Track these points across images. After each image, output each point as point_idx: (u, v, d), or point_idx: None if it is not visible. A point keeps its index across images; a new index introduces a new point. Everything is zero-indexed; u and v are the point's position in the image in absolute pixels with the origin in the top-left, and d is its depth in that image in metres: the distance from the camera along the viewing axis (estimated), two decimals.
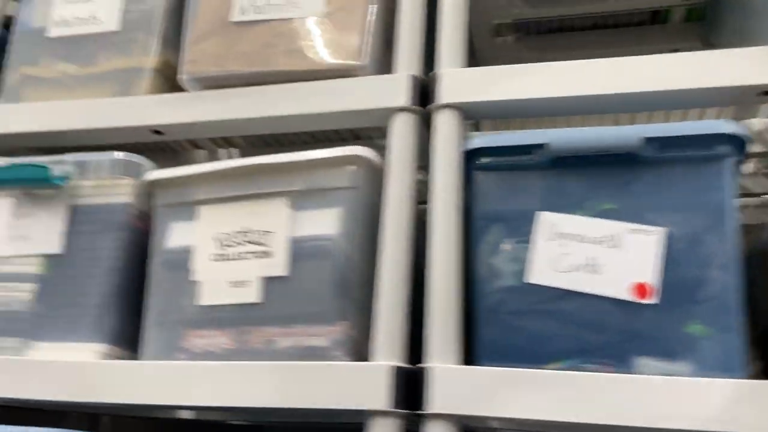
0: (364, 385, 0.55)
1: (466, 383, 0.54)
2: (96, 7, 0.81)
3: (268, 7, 0.72)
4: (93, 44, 0.81)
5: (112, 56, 0.80)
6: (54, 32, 0.83)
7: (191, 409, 0.70)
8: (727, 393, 0.50)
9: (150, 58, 0.78)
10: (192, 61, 0.73)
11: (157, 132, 0.74)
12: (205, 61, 0.72)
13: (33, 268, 0.70)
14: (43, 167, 0.70)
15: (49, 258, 0.70)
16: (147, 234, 0.71)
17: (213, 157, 0.88)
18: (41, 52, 0.83)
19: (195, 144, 0.85)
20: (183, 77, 0.73)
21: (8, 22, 0.88)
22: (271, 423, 0.83)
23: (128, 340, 0.68)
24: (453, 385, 0.54)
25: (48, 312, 0.69)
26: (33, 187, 0.72)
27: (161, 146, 0.83)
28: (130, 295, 0.69)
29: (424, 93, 0.66)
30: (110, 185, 0.71)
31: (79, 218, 0.71)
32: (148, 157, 0.73)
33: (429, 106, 0.65)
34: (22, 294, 0.70)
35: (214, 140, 0.84)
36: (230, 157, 0.87)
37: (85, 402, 0.64)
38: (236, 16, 0.73)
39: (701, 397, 0.50)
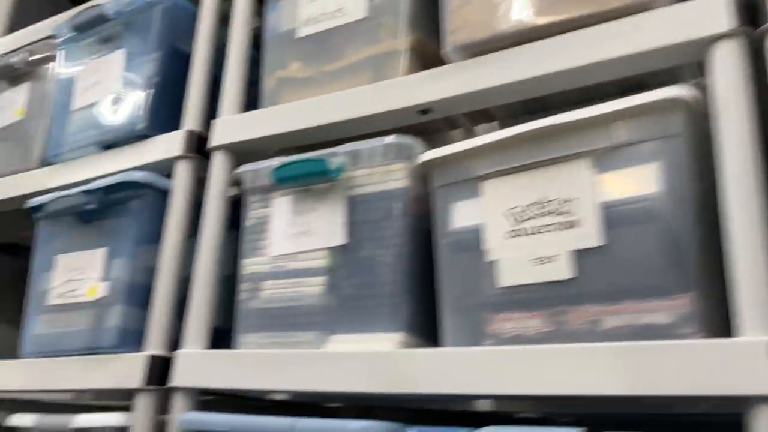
0: (738, 367, 0.45)
1: None
2: None
3: None
4: (340, 37, 0.80)
5: (361, 45, 0.78)
6: (303, 32, 0.84)
7: (501, 398, 0.65)
8: None
9: (401, 39, 0.75)
10: (455, 30, 0.68)
11: (424, 111, 0.70)
12: (469, 28, 0.67)
13: (319, 261, 0.71)
14: (321, 160, 0.70)
15: (334, 250, 0.70)
16: (425, 217, 0.68)
17: (469, 134, 0.83)
18: (292, 54, 0.84)
19: (451, 123, 0.81)
20: (447, 49, 0.68)
21: (258, 36, 0.92)
22: (562, 412, 0.76)
23: (423, 327, 0.65)
24: None
25: (340, 304, 0.68)
26: (309, 183, 0.73)
27: (415, 129, 0.80)
28: (419, 281, 0.66)
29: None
30: (385, 171, 0.69)
31: (357, 208, 0.69)
32: None
33: (761, 28, 0.53)
34: (312, 288, 0.70)
35: (471, 116, 0.79)
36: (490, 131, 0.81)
37: (385, 393, 0.62)
38: None
39: None
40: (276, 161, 0.75)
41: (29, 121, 1.06)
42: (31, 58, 1.09)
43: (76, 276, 0.86)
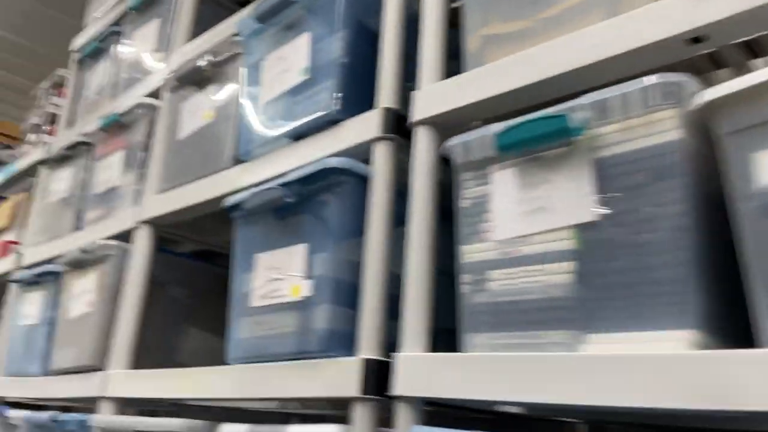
0: None
1: None
2: None
3: None
4: None
5: None
6: None
7: None
8: None
9: None
10: None
11: (696, 40, 0.54)
12: None
13: (563, 243, 0.57)
14: (560, 116, 0.57)
15: (582, 228, 0.56)
16: (708, 176, 0.52)
17: (741, 72, 0.65)
18: (498, 6, 0.72)
19: (716, 61, 0.64)
20: None
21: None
22: None
23: (717, 322, 0.49)
24: None
25: (597, 295, 0.54)
26: (540, 148, 0.60)
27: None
28: (708, 261, 0.50)
29: None
30: (646, 123, 0.53)
31: (609, 173, 0.55)
32: None
33: None
34: (556, 277, 0.57)
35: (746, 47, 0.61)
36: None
37: (682, 409, 0.47)
38: None
39: None
40: (497, 126, 0.62)
41: (219, 122, 1.04)
42: (216, 59, 1.07)
43: (277, 275, 0.80)
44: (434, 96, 0.73)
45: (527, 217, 0.60)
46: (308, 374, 0.72)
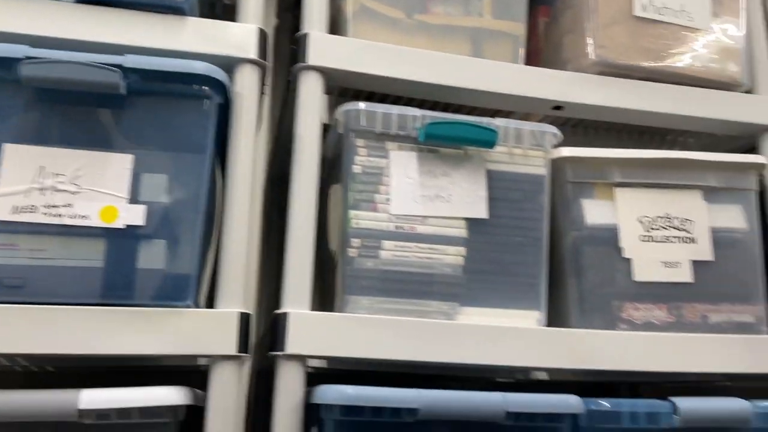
0: None
1: None
2: None
3: (665, 9, 0.78)
4: None
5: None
6: None
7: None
8: None
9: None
10: (602, 47, 0.75)
11: (558, 108, 0.75)
12: (614, 49, 0.76)
13: (457, 231, 0.68)
14: (492, 130, 0.67)
15: (471, 222, 0.69)
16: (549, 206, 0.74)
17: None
18: None
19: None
20: (591, 59, 0.75)
21: None
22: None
23: (550, 308, 0.71)
24: None
25: (476, 277, 0.68)
26: (440, 145, 0.69)
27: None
28: (548, 265, 0.71)
29: None
30: (525, 155, 0.71)
31: (496, 184, 0.70)
32: None
33: None
34: (446, 257, 0.67)
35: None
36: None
37: (520, 366, 0.67)
38: (638, 11, 0.77)
39: None
40: (420, 113, 0.67)
41: None
42: None
43: (67, 184, 0.57)
44: (328, 46, 0.70)
45: (426, 201, 0.68)
46: (147, 326, 0.56)
